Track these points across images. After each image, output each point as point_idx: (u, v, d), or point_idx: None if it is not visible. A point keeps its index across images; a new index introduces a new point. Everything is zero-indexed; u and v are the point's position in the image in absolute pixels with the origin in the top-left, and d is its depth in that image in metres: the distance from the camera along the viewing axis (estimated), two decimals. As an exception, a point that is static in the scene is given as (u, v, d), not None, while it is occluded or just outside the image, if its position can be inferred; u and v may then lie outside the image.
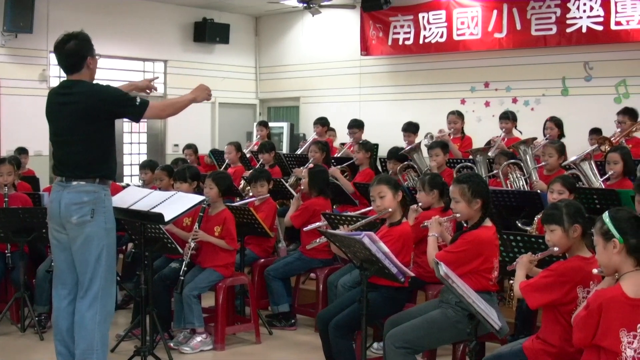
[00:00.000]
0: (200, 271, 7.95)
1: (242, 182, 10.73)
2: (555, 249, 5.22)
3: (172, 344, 7.78)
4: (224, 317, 7.93)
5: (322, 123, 13.40)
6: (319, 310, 7.66)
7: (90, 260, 6.09)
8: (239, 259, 8.46)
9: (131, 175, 16.59)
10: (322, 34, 17.25)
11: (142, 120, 6.60)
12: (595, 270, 4.66)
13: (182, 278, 7.69)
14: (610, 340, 4.26)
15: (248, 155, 12.76)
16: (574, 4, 13.38)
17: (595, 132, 11.42)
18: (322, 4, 15.39)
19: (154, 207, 6.74)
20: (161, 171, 9.42)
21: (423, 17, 15.25)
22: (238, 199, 9.57)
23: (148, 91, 7.25)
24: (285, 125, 17.12)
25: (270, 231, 8.59)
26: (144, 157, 16.10)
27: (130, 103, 6.20)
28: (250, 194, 9.30)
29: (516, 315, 6.90)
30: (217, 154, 13.21)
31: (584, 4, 13.25)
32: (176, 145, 16.14)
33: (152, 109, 6.27)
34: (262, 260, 8.83)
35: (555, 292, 5.00)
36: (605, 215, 4.46)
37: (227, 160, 12.17)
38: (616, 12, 12.91)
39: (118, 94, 6.25)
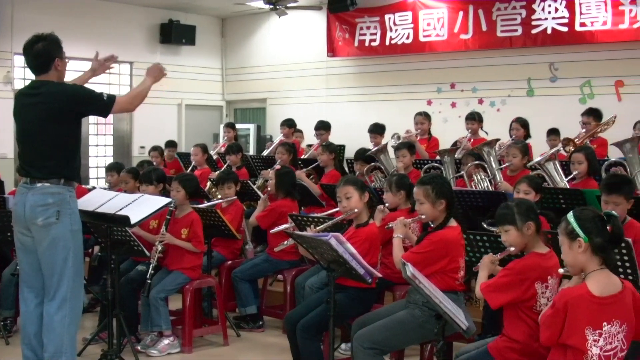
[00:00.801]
0: (167, 274, 7.92)
1: (209, 184, 10.70)
2: (512, 248, 5.26)
3: (139, 347, 7.74)
4: (191, 319, 7.90)
5: (289, 125, 13.38)
6: (286, 312, 7.67)
7: (57, 263, 6.05)
8: (206, 261, 8.44)
9: (97, 178, 16.49)
10: (289, 35, 17.24)
11: (110, 114, 6.57)
12: (561, 270, 4.71)
13: (149, 281, 7.65)
14: (576, 339, 4.31)
15: (215, 157, 12.72)
16: (539, 6, 13.47)
17: (554, 132, 11.48)
18: (288, 5, 15.36)
19: (120, 209, 6.72)
20: (127, 173, 9.38)
21: (389, 18, 15.29)
22: (205, 201, 9.55)
23: (112, 66, 7.21)
24: (252, 126, 17.09)
25: (238, 233, 8.59)
26: (110, 160, 16.03)
27: (97, 99, 6.20)
28: (218, 196, 9.28)
29: (483, 314, 6.94)
30: (183, 156, 13.16)
31: (549, 6, 13.36)
32: (142, 147, 16.08)
33: (119, 103, 6.30)
34: (230, 262, 8.82)
35: (515, 290, 5.04)
36: (570, 215, 4.51)
37: (193, 162, 12.12)
38: (581, 13, 13.02)
39: (85, 92, 6.24)
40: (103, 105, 6.22)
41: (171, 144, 13.87)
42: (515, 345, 5.10)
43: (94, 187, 9.51)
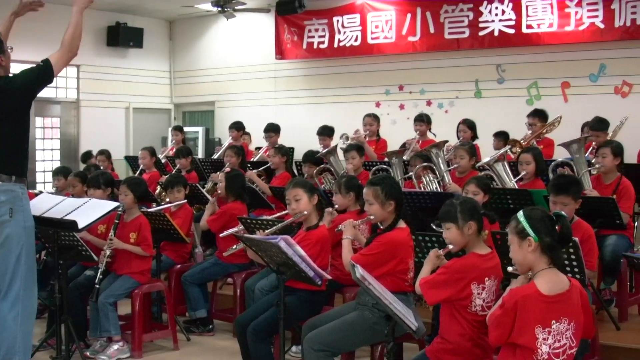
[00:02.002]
0: (115, 278, 7.85)
1: (159, 188, 10.64)
2: (451, 246, 5.29)
3: (88, 353, 7.68)
4: (140, 324, 7.85)
5: (237, 127, 13.35)
6: (236, 315, 7.65)
7: (10, 261, 5.95)
8: (155, 265, 8.39)
9: (44, 182, 16.30)
10: (237, 38, 17.20)
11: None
12: (510, 268, 4.74)
13: (97, 286, 7.59)
14: (526, 338, 4.35)
15: (163, 161, 12.65)
16: (486, 8, 13.58)
17: (500, 134, 11.56)
18: (236, 8, 15.34)
19: (68, 214, 6.67)
20: (74, 177, 9.29)
21: (337, 20, 15.31)
22: (154, 205, 9.49)
23: (37, 9, 7.11)
24: (200, 129, 17.02)
25: (187, 237, 8.54)
26: (57, 164, 15.84)
27: (36, 70, 6.12)
28: (167, 199, 9.23)
29: (433, 315, 6.96)
30: (131, 159, 13.07)
31: (496, 8, 13.46)
32: (90, 151, 15.93)
33: (57, 58, 6.22)
34: (179, 266, 8.78)
35: (451, 288, 5.08)
36: (520, 215, 4.56)
37: (141, 166, 12.04)
38: (527, 15, 13.15)
39: (25, 74, 6.16)
40: (43, 71, 6.14)
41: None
42: (449, 345, 5.16)
43: (40, 192, 9.42)
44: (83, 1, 6.61)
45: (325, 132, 12.07)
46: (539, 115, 11.06)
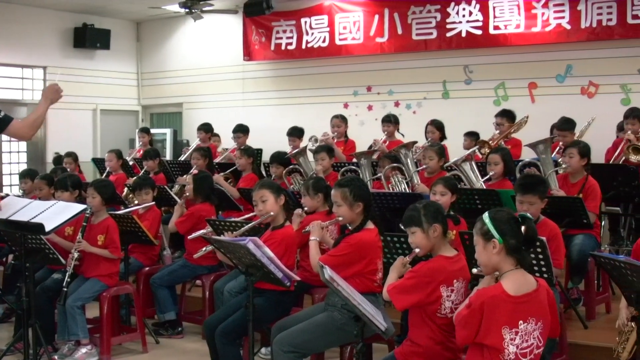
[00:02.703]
0: (83, 281, 7.80)
1: (126, 190, 10.59)
2: (417, 250, 5.30)
3: (56, 357, 7.64)
4: (109, 327, 7.81)
5: (205, 129, 13.32)
6: (205, 317, 7.62)
7: None
8: (123, 267, 8.34)
9: (11, 185, 16.20)
10: (205, 39, 17.17)
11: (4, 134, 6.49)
12: (474, 270, 4.75)
13: (65, 289, 7.54)
14: (493, 338, 4.35)
15: (131, 163, 12.60)
16: (453, 9, 13.63)
17: (471, 134, 11.64)
18: (204, 9, 15.30)
19: (34, 217, 6.62)
20: (41, 180, 9.25)
21: (305, 22, 15.32)
22: (122, 207, 9.44)
23: None
24: (168, 131, 16.96)
25: (155, 239, 8.51)
26: (23, 166, 15.76)
27: None
28: (135, 201, 9.19)
29: (402, 315, 6.97)
30: (98, 162, 13.00)
31: (464, 9, 13.53)
32: (57, 153, 15.81)
33: (15, 127, 6.31)
34: (147, 268, 8.74)
35: (420, 292, 5.08)
36: (485, 216, 4.56)
37: (108, 168, 11.98)
38: (494, 16, 13.22)
39: None
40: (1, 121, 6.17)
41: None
42: (418, 349, 5.17)
43: (7, 195, 9.34)
44: (53, 98, 6.64)
45: (295, 133, 12.08)
46: (506, 115, 11.11)
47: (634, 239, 9.32)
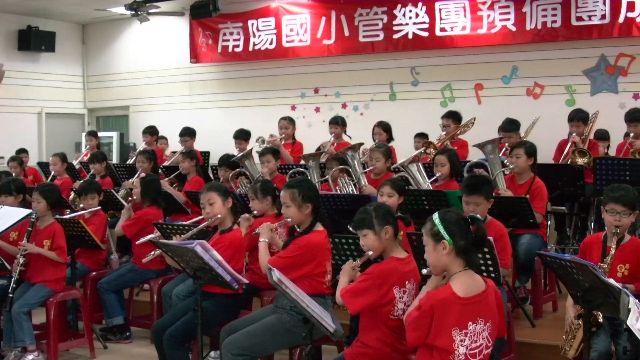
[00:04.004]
0: (29, 287, 7.71)
1: (72, 194, 10.49)
2: (370, 252, 5.30)
3: (2, 364, 7.54)
4: (56, 333, 7.72)
5: (151, 132, 13.26)
6: (153, 322, 7.58)
7: None
8: (70, 272, 8.25)
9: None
10: (151, 41, 17.04)
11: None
12: (424, 271, 4.76)
13: (11, 295, 7.45)
14: (443, 340, 4.37)
15: (77, 167, 12.49)
16: (400, 11, 13.68)
17: (421, 135, 11.72)
18: (150, 11, 15.19)
19: (-22, 222, 6.53)
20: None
21: (252, 24, 15.27)
22: (68, 212, 9.35)
23: None
24: (114, 134, 16.80)
25: (102, 243, 8.44)
26: (-33, 171, 15.52)
27: None
28: (81, 205, 9.10)
29: (351, 317, 6.98)
30: (43, 165, 12.87)
31: (410, 11, 13.58)
32: (1, 157, 15.60)
33: None
34: (94, 273, 8.68)
35: (373, 294, 5.09)
36: (435, 217, 4.57)
37: (52, 172, 11.85)
38: (441, 18, 13.29)
39: None
40: None
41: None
42: (368, 350, 5.18)
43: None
44: None
45: (242, 136, 12.06)
46: (452, 116, 11.20)
47: (580, 238, 9.45)
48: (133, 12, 15.12)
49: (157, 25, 16.43)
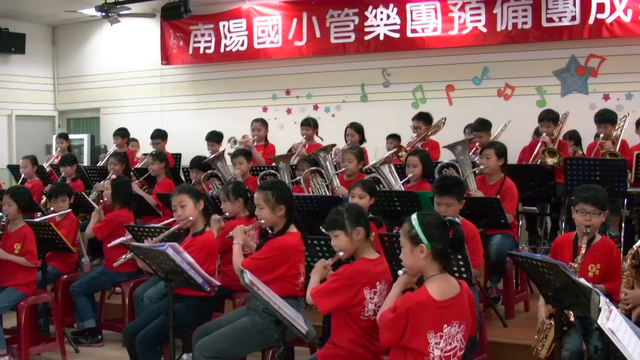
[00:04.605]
0: (0, 291, 7.66)
1: (43, 197, 10.42)
2: (341, 253, 5.32)
3: (-28, 368, 7.48)
4: (27, 337, 7.67)
5: (122, 134, 13.20)
6: (125, 325, 7.53)
7: None
8: (41, 276, 8.20)
9: None
10: (122, 43, 16.96)
11: None
12: (400, 272, 4.76)
13: (-20, 299, 7.40)
14: (418, 342, 4.37)
15: (48, 169, 12.41)
16: (371, 13, 13.72)
17: (393, 136, 11.75)
18: (120, 13, 15.10)
19: (-53, 226, 6.48)
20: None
21: (224, 25, 15.25)
22: (39, 215, 9.29)
23: None
24: (85, 137, 16.73)
25: (73, 246, 8.39)
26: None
27: None
28: (52, 208, 9.04)
29: (324, 318, 6.98)
30: (14, 168, 12.78)
31: (381, 13, 13.62)
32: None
33: None
34: (66, 276, 8.61)
35: (343, 295, 5.11)
36: (414, 219, 4.55)
37: (23, 175, 11.77)
38: (412, 20, 13.34)
39: None
40: None
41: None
42: (341, 351, 5.19)
43: None
44: None
45: (214, 138, 12.04)
46: (423, 118, 11.23)
47: (551, 238, 9.51)
48: (103, 14, 15.02)
49: (128, 26, 16.37)
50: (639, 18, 11.63)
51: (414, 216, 4.58)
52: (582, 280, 4.50)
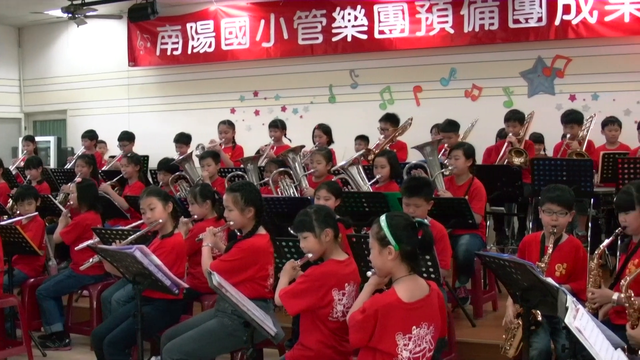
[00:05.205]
0: (-35, 295, 7.60)
1: (10, 200, 10.33)
2: (310, 255, 5.31)
3: (-63, 373, 7.41)
4: (-7, 341, 7.61)
5: (90, 136, 13.12)
6: (93, 328, 7.49)
7: None
8: (7, 279, 8.12)
9: None
10: (89, 45, 16.86)
11: None
12: (369, 273, 4.76)
13: (-54, 303, 7.33)
14: (386, 344, 4.38)
15: (14, 172, 12.31)
16: (339, 14, 13.74)
17: (361, 138, 11.77)
18: (87, 14, 15.01)
19: None
20: None
21: (191, 27, 15.22)
22: (5, 218, 9.21)
23: None
24: (52, 139, 16.60)
25: (39, 249, 8.32)
26: None
27: None
28: (18, 212, 8.97)
29: (293, 320, 6.98)
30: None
31: (349, 14, 13.65)
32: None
33: None
34: (32, 279, 8.53)
35: (312, 296, 5.12)
36: (383, 221, 4.55)
37: (-12, 179, 11.68)
38: (380, 21, 13.38)
39: None
40: None
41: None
42: (310, 352, 5.19)
43: None
44: None
45: (182, 140, 12.02)
46: (390, 119, 11.24)
47: (519, 238, 9.56)
48: (70, 15, 14.93)
49: (95, 28, 16.28)
50: (605, 19, 11.74)
51: (382, 217, 4.59)
52: (550, 280, 4.53)
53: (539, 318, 5.48)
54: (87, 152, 12.52)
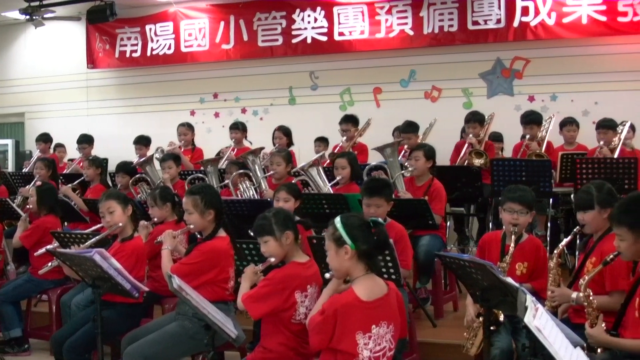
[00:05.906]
0: None
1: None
2: (272, 259, 5.31)
3: None
4: (-50, 347, 7.53)
5: (44, 140, 13.06)
6: (53, 333, 7.42)
7: None
8: (-35, 285, 8.07)
9: None
10: (47, 47, 16.69)
11: None
12: (327, 275, 4.77)
13: None
14: (347, 344, 4.40)
15: (-28, 176, 12.19)
16: (299, 16, 13.73)
17: (321, 139, 11.78)
18: (45, 16, 14.88)
19: None
20: None
21: (150, 29, 15.13)
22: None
23: None
24: (9, 142, 16.43)
25: (-2, 254, 8.26)
26: None
27: None
28: (-25, 216, 8.90)
29: (254, 322, 6.96)
30: None
31: (309, 16, 13.64)
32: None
33: None
34: (-10, 284, 8.47)
35: (275, 299, 5.12)
36: (337, 221, 4.59)
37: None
38: (339, 23, 13.38)
39: None
40: None
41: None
42: (271, 355, 5.20)
43: None
44: None
45: (142, 142, 11.98)
46: (351, 120, 11.27)
47: (479, 239, 9.58)
48: (28, 17, 14.78)
49: (53, 30, 16.12)
50: (563, 21, 11.84)
51: (337, 219, 4.63)
52: (509, 280, 4.56)
53: (501, 318, 5.52)
54: (43, 155, 12.42)
